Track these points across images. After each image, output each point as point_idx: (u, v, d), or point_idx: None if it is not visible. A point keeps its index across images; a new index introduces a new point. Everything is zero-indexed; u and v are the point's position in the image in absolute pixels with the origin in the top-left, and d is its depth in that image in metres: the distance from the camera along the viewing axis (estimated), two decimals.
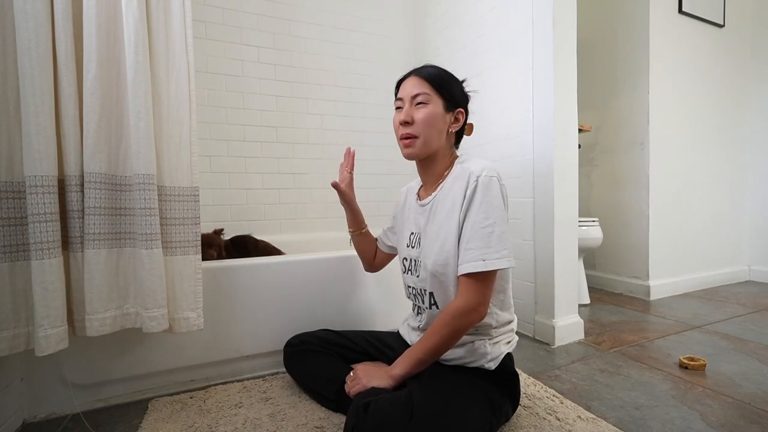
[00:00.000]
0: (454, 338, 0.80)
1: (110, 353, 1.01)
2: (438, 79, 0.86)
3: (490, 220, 0.78)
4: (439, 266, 0.83)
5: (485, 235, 0.77)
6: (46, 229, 0.79)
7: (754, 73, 2.49)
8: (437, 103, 0.85)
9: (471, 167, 0.82)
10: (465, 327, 0.80)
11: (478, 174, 0.79)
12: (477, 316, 0.79)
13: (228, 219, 1.94)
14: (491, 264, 0.76)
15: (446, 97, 0.86)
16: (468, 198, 0.80)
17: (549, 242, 1.42)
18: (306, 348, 1.05)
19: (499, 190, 0.80)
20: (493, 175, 0.80)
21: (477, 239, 0.78)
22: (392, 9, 2.35)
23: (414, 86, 0.86)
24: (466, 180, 0.81)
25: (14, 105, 0.80)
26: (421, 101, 0.84)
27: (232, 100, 1.95)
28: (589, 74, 2.32)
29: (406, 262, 0.96)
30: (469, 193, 0.79)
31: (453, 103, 0.87)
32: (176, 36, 0.96)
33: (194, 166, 0.99)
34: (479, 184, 0.79)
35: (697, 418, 0.92)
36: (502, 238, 0.77)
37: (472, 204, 0.79)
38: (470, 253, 0.78)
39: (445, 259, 0.82)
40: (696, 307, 1.90)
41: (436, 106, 0.85)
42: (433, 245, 0.85)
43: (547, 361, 1.27)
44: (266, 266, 1.19)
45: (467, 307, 0.78)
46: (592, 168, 2.40)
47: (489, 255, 0.77)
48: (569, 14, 1.42)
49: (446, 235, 0.82)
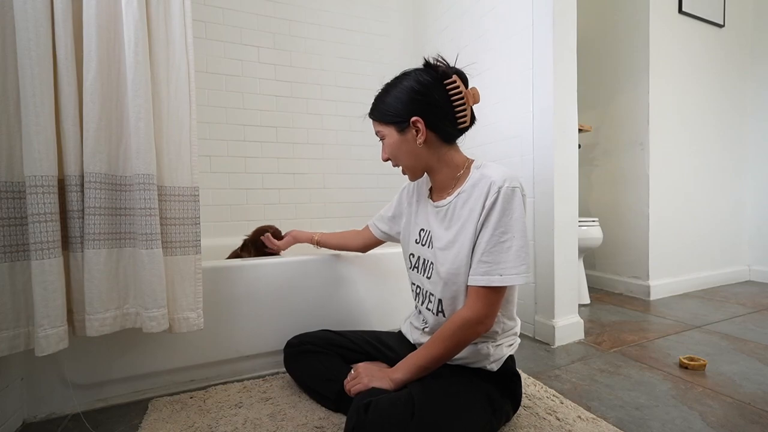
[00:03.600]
0: (458, 348, 0.80)
1: (110, 353, 1.01)
2: (380, 113, 0.85)
3: (509, 234, 0.75)
4: (451, 275, 0.81)
5: (503, 250, 0.75)
6: (46, 229, 0.79)
7: (754, 73, 2.49)
8: (390, 132, 0.85)
9: (491, 175, 0.78)
10: (471, 338, 0.79)
11: (499, 184, 0.76)
12: (483, 328, 0.78)
13: (228, 219, 1.94)
14: (508, 279, 0.74)
15: (392, 122, 0.83)
16: (487, 209, 0.76)
17: (549, 242, 1.41)
18: (306, 348, 1.04)
19: (521, 202, 0.76)
20: (516, 186, 0.76)
21: (495, 253, 0.75)
22: (392, 9, 2.35)
23: (373, 126, 0.89)
24: (486, 189, 0.77)
25: (14, 105, 0.80)
26: (381, 138, 0.88)
27: (232, 100, 1.95)
28: (589, 74, 2.32)
29: (413, 259, 0.94)
30: (489, 203, 0.76)
31: (402, 122, 0.82)
32: (176, 36, 0.96)
33: (194, 166, 0.99)
34: (500, 196, 0.75)
35: (697, 418, 0.92)
36: (520, 253, 0.75)
37: (491, 215, 0.76)
38: (485, 266, 0.76)
39: (458, 268, 0.80)
40: (696, 307, 1.90)
41: (390, 136, 0.85)
42: (448, 253, 0.82)
43: (547, 361, 1.27)
44: (266, 266, 1.19)
45: (476, 318, 0.77)
46: (592, 168, 2.40)
47: (507, 270, 0.74)
48: (569, 14, 1.42)
49: (462, 245, 0.80)
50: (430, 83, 0.80)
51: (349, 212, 2.22)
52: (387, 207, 1.10)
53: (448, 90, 0.80)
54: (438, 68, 0.80)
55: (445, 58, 0.81)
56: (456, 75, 0.80)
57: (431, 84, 0.80)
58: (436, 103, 0.80)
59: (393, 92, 0.83)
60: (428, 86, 0.80)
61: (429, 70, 0.81)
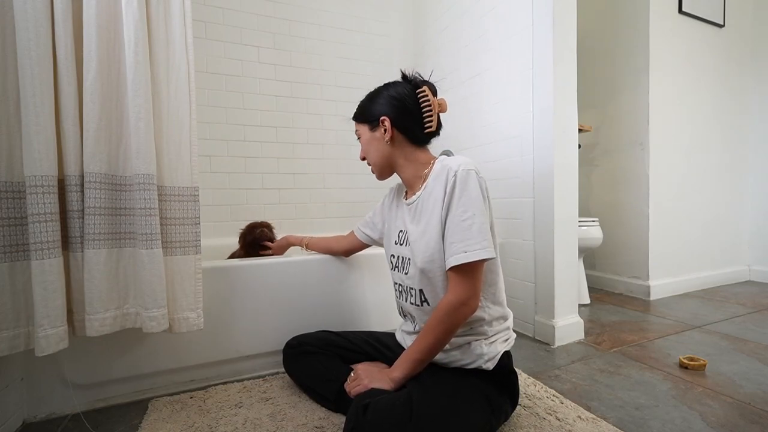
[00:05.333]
0: (449, 334, 0.81)
1: (110, 353, 1.01)
2: (357, 112, 0.98)
3: (469, 212, 0.79)
4: (426, 263, 0.84)
5: (465, 228, 0.79)
6: (46, 229, 0.79)
7: (754, 73, 2.49)
8: (363, 130, 0.97)
9: (449, 164, 0.84)
10: (458, 321, 0.80)
11: (455, 169, 0.81)
12: (469, 309, 0.80)
13: (228, 219, 1.94)
14: (472, 255, 0.77)
15: (365, 120, 0.95)
16: (448, 194, 0.81)
17: (549, 242, 1.42)
18: (305, 349, 1.05)
19: (476, 183, 0.81)
20: (470, 168, 0.82)
21: (458, 233, 0.79)
22: (392, 9, 2.35)
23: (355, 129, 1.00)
24: (445, 176, 0.83)
25: (14, 105, 0.80)
26: (358, 137, 0.99)
27: (232, 100, 1.96)
28: (589, 74, 2.32)
29: (394, 259, 0.97)
30: (449, 188, 0.81)
31: (373, 120, 0.93)
32: (176, 36, 0.96)
33: (194, 166, 0.99)
34: (457, 179, 0.81)
35: (697, 418, 0.93)
36: (482, 229, 0.79)
37: (453, 199, 0.81)
38: (453, 247, 0.80)
39: (431, 255, 0.83)
40: (696, 307, 1.90)
41: (364, 133, 0.97)
42: (420, 242, 0.86)
43: (547, 361, 1.27)
44: (266, 266, 1.19)
45: (458, 300, 0.79)
46: (592, 168, 2.40)
47: (470, 247, 0.78)
48: (569, 14, 1.42)
49: (431, 233, 0.84)
50: (404, 92, 0.91)
51: (349, 212, 2.22)
52: (371, 212, 1.15)
53: (418, 98, 0.91)
54: (412, 80, 0.93)
55: (420, 74, 0.94)
56: (426, 86, 0.91)
57: (405, 93, 0.91)
58: (407, 109, 0.91)
59: (373, 98, 0.95)
60: (403, 94, 0.91)
61: (405, 82, 0.93)
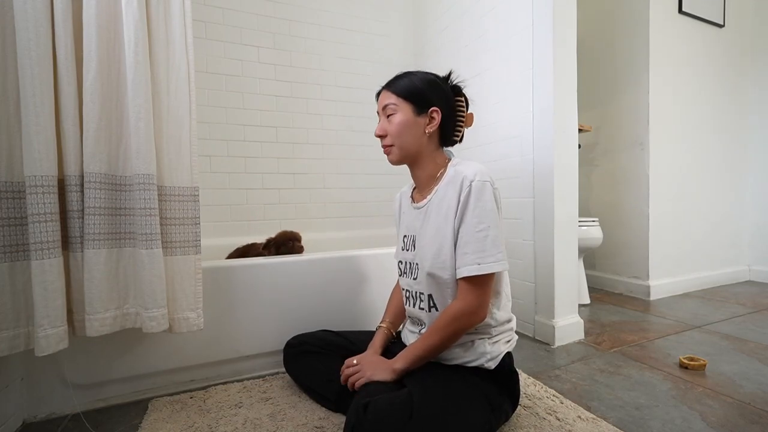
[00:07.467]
0: (454, 338, 0.83)
1: (110, 353, 1.01)
2: (404, 87, 0.88)
3: (484, 224, 0.79)
4: (436, 269, 0.84)
5: (479, 239, 0.79)
6: (46, 229, 0.79)
7: (754, 73, 2.49)
8: (405, 109, 0.87)
9: (464, 171, 0.83)
10: (465, 328, 0.82)
11: (471, 179, 0.81)
12: (477, 318, 0.81)
13: (228, 219, 1.94)
14: (486, 268, 0.78)
15: (414, 101, 0.87)
16: (462, 203, 0.81)
17: (549, 242, 1.41)
18: (305, 349, 1.05)
19: (491, 195, 0.81)
20: (486, 179, 0.81)
21: (472, 243, 0.80)
22: (392, 9, 2.35)
23: (383, 99, 0.91)
24: (459, 184, 0.82)
25: (14, 105, 0.80)
26: (390, 112, 0.89)
27: (232, 100, 1.95)
28: (589, 74, 2.32)
29: (402, 265, 0.97)
30: (463, 197, 0.81)
31: (423, 105, 0.87)
32: (176, 36, 0.96)
33: (194, 166, 0.99)
34: (472, 189, 0.80)
35: (697, 418, 0.92)
36: (496, 241, 0.79)
37: (467, 209, 0.81)
38: (467, 258, 0.80)
39: (443, 262, 0.83)
40: (696, 307, 1.90)
41: (404, 113, 0.87)
42: (430, 248, 0.86)
43: (547, 361, 1.27)
44: (266, 266, 1.19)
45: (467, 309, 0.80)
46: (592, 168, 2.40)
47: (484, 259, 0.79)
48: (569, 14, 1.42)
49: (443, 240, 0.84)
50: (450, 93, 0.90)
51: (348, 212, 2.22)
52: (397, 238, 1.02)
53: (457, 103, 0.90)
54: (455, 86, 0.91)
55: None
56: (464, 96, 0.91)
57: (448, 90, 0.90)
58: (452, 109, 0.90)
59: (429, 83, 0.88)
60: (449, 94, 0.90)
61: (445, 82, 0.90)
